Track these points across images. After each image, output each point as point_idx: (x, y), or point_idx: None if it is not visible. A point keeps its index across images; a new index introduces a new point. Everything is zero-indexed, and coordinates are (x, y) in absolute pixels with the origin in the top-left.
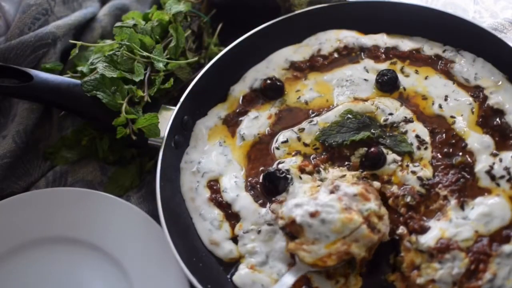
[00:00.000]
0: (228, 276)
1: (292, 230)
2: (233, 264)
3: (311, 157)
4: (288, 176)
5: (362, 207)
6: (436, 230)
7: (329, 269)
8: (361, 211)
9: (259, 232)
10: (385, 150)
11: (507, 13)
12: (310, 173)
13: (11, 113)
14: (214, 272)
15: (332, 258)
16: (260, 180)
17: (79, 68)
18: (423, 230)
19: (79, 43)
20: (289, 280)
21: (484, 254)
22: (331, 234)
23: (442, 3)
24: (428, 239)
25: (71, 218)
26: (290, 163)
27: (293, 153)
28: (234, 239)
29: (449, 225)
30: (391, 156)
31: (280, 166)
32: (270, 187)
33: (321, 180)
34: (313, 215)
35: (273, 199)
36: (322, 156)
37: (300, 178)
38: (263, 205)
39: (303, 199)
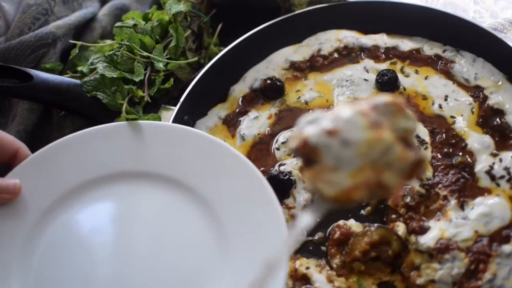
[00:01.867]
0: None
1: (307, 154)
2: None
3: None
4: (291, 178)
5: (395, 122)
6: (436, 230)
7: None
8: (393, 128)
9: None
10: None
11: (507, 13)
12: None
13: (11, 113)
14: None
15: (359, 190)
16: None
17: (79, 68)
18: (423, 230)
19: (79, 43)
20: (308, 219)
21: (484, 254)
22: (355, 158)
23: (442, 3)
24: (427, 240)
25: (158, 154)
26: (292, 165)
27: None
28: None
29: (449, 225)
30: None
31: (281, 168)
32: (274, 190)
33: None
34: (331, 133)
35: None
36: None
37: (304, 181)
38: None
39: (318, 113)
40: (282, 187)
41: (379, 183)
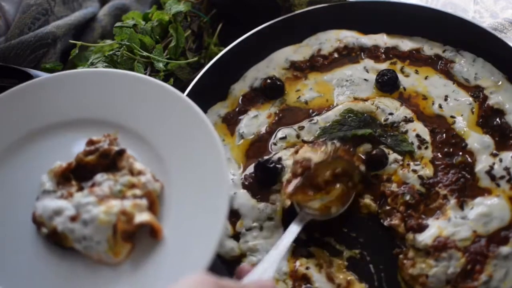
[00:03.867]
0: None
1: (57, 240)
2: (234, 261)
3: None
4: (278, 166)
5: (114, 188)
6: (434, 228)
7: None
8: (114, 193)
9: (261, 229)
10: (386, 150)
11: (507, 13)
12: None
13: None
14: (216, 270)
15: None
16: (252, 172)
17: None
18: (421, 228)
19: (79, 43)
20: None
21: (481, 255)
22: (101, 229)
23: (442, 3)
24: (425, 237)
25: (98, 100)
26: (284, 152)
27: (290, 147)
28: (235, 236)
29: (448, 224)
30: (392, 156)
31: (274, 157)
32: (262, 176)
33: None
34: (73, 219)
35: (272, 190)
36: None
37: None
38: (261, 200)
39: (60, 202)
40: (269, 174)
41: (133, 224)
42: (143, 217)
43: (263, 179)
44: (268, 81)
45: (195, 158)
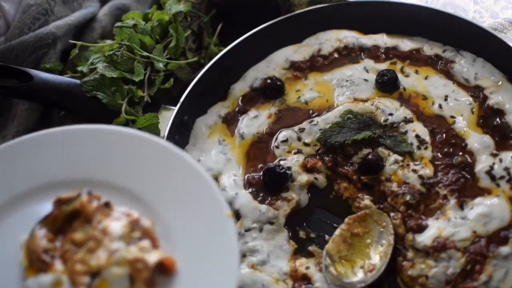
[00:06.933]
0: None
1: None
2: None
3: (317, 157)
4: (288, 172)
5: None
6: (434, 229)
7: None
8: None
9: (261, 230)
10: (386, 151)
11: (507, 13)
12: (314, 171)
13: (11, 113)
14: None
15: None
16: (261, 176)
17: (79, 68)
18: (421, 228)
19: (79, 43)
20: None
21: (480, 255)
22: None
23: (442, 3)
24: (424, 238)
25: (92, 159)
26: (292, 162)
27: (294, 152)
28: None
29: (447, 224)
30: (392, 157)
31: (281, 163)
32: (270, 182)
33: None
34: None
35: (278, 196)
36: (327, 157)
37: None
38: (263, 201)
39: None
40: (278, 180)
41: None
42: (154, 256)
43: (272, 185)
44: (268, 81)
45: (190, 206)
